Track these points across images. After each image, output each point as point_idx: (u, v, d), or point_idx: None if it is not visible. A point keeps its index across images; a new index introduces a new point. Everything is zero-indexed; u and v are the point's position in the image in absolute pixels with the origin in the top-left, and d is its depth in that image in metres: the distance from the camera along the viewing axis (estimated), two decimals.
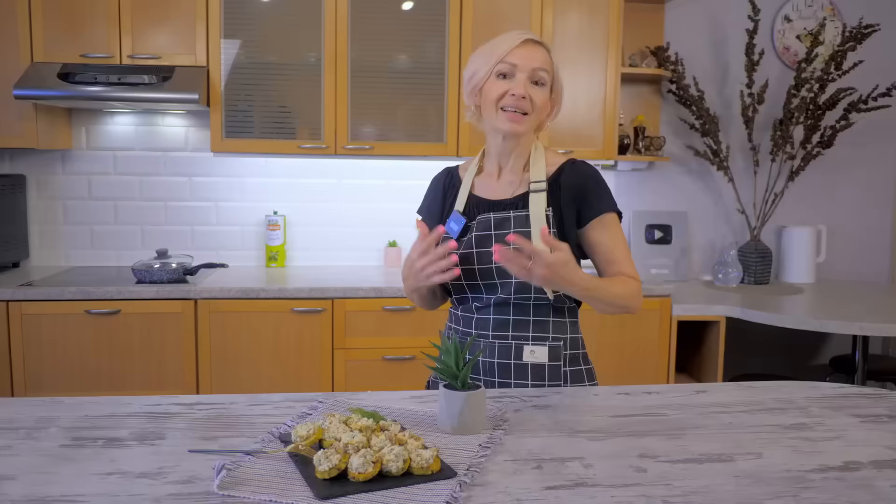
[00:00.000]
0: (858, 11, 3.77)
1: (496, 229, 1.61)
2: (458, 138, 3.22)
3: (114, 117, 3.39)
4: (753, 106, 3.56)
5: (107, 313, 2.84)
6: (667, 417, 1.40)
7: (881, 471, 1.15)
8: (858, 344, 3.25)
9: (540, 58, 1.59)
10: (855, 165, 3.89)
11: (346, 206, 3.57)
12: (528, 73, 1.57)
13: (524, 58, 1.57)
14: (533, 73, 1.58)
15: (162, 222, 3.46)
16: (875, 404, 1.50)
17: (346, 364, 2.98)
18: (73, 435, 1.27)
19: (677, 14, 3.71)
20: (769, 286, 3.62)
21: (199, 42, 3.06)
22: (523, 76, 1.57)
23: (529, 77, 1.58)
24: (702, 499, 1.04)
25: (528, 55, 1.58)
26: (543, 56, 1.60)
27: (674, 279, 3.68)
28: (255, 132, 3.14)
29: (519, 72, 1.57)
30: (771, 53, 3.76)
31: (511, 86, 1.57)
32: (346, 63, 3.14)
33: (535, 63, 1.58)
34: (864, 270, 3.96)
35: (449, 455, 1.18)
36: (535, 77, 1.58)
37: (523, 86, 1.57)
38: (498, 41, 1.61)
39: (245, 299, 2.91)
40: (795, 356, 3.94)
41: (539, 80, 1.59)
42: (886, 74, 3.80)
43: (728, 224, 3.85)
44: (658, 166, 3.76)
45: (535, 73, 1.58)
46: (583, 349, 1.67)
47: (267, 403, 1.46)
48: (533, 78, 1.58)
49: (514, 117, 1.58)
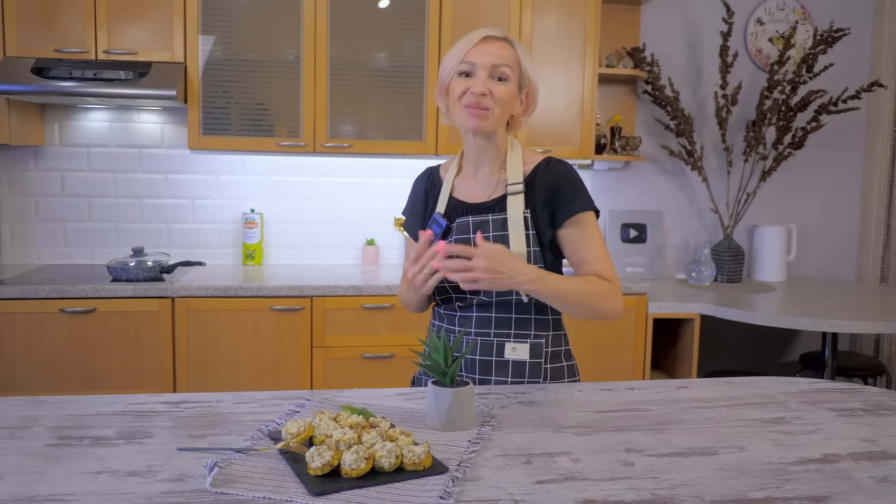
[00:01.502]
0: (829, 15, 3.85)
1: (475, 233, 1.61)
2: (437, 137, 3.23)
3: (88, 113, 3.34)
4: (727, 107, 3.62)
5: (82, 312, 2.80)
6: (650, 413, 1.43)
7: (859, 463, 1.19)
8: (828, 341, 3.33)
9: (500, 53, 1.60)
10: (824, 166, 3.97)
11: (324, 203, 3.56)
12: (488, 69, 1.58)
13: (483, 55, 1.59)
14: (493, 70, 1.59)
15: (137, 220, 3.42)
16: (850, 399, 1.54)
17: (325, 362, 2.98)
18: (58, 434, 1.26)
19: (653, 15, 3.75)
20: (741, 284, 3.69)
21: (176, 38, 3.03)
22: (483, 73, 1.58)
23: (490, 73, 1.59)
24: (689, 491, 1.07)
25: (487, 51, 1.59)
26: (504, 51, 1.60)
27: (649, 277, 3.72)
28: (233, 129, 3.12)
29: (479, 69, 1.58)
30: (744, 55, 3.82)
31: (471, 83, 1.59)
32: (326, 61, 3.13)
33: (495, 59, 1.59)
34: (832, 269, 4.05)
35: (439, 451, 1.19)
36: (495, 73, 1.59)
37: (482, 82, 1.57)
38: (461, 40, 1.62)
39: (223, 297, 2.89)
40: (765, 353, 4.02)
41: (501, 76, 1.59)
42: (855, 77, 3.89)
43: (701, 223, 3.91)
44: (634, 166, 3.80)
45: (495, 68, 1.59)
46: (566, 346, 1.69)
47: (253, 401, 1.46)
48: (493, 74, 1.59)
49: (476, 113, 1.58)
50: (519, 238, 1.58)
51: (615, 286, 1.59)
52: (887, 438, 1.30)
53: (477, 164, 1.69)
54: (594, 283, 1.57)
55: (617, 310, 1.59)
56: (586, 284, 1.57)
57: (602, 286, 1.57)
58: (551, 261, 1.64)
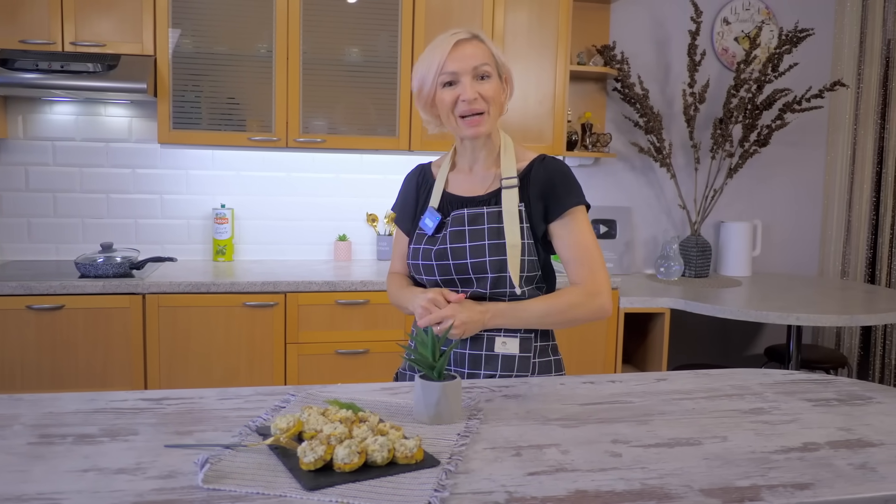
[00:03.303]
0: (792, 16, 3.93)
1: (470, 224, 1.64)
2: (411, 132, 3.23)
3: (52, 106, 3.27)
4: (695, 105, 3.68)
5: (50, 309, 2.75)
6: (633, 404, 1.45)
7: (837, 451, 1.22)
8: (793, 334, 3.41)
9: (476, 54, 1.61)
10: (788, 163, 4.06)
11: (295, 199, 3.53)
12: (471, 73, 1.60)
13: (462, 60, 1.59)
14: (475, 71, 1.60)
15: (104, 215, 3.36)
16: (823, 389, 1.58)
17: (299, 358, 2.96)
18: (39, 433, 1.23)
19: (622, 14, 3.80)
20: (708, 279, 3.75)
21: (145, 30, 2.98)
22: (467, 78, 1.59)
23: (473, 76, 1.60)
24: (678, 481, 1.09)
25: (464, 56, 1.60)
26: (479, 50, 1.62)
27: (618, 273, 3.77)
28: (204, 124, 3.08)
29: (462, 76, 1.60)
30: (711, 54, 3.89)
31: (459, 91, 1.60)
32: (298, 55, 3.11)
33: (473, 61, 1.60)
34: (795, 264, 4.14)
35: (429, 444, 1.20)
36: (478, 73, 1.60)
37: (469, 88, 1.59)
38: (432, 50, 1.63)
39: (195, 293, 2.85)
40: (731, 347, 4.10)
41: (484, 74, 1.61)
42: (818, 77, 3.98)
43: (670, 219, 3.97)
44: (603, 162, 3.85)
45: (476, 70, 1.60)
46: (553, 341, 1.71)
47: (237, 397, 1.45)
48: (477, 75, 1.60)
49: (473, 121, 1.61)
50: (513, 230, 1.61)
51: (591, 287, 1.61)
52: (862, 427, 1.34)
53: (472, 161, 1.71)
54: (562, 296, 1.61)
55: (600, 308, 1.62)
56: (554, 300, 1.62)
57: (571, 295, 1.61)
58: (543, 256, 1.66)
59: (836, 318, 2.95)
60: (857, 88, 4.06)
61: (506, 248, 1.59)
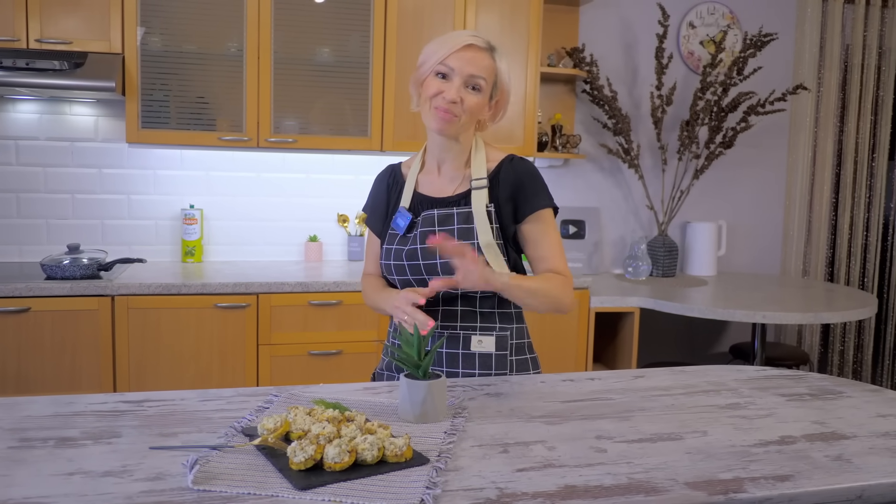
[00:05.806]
0: (755, 21, 4.02)
1: (440, 225, 1.65)
2: (382, 133, 3.23)
3: (15, 104, 3.20)
4: (662, 107, 3.74)
5: (15, 311, 2.69)
6: (613, 401, 1.47)
7: (813, 443, 1.26)
8: (758, 332, 3.48)
9: (478, 63, 1.62)
10: (752, 165, 4.15)
11: (265, 200, 3.51)
12: (464, 78, 1.61)
13: (462, 62, 1.61)
14: (469, 79, 1.61)
15: (69, 216, 3.29)
16: (796, 384, 1.62)
17: (272, 360, 2.94)
18: (18, 436, 1.21)
19: (591, 17, 3.84)
20: (675, 278, 3.82)
21: (113, 28, 2.93)
22: (458, 81, 1.61)
23: (465, 82, 1.61)
24: (663, 474, 1.11)
25: (467, 59, 1.61)
26: (483, 61, 1.63)
27: (588, 272, 3.81)
28: (172, 123, 3.04)
29: (455, 76, 1.61)
30: (677, 57, 3.95)
31: (446, 87, 1.61)
32: (270, 55, 3.08)
33: (472, 69, 1.61)
34: (758, 263, 4.23)
35: (416, 443, 1.21)
36: (470, 82, 1.62)
37: (455, 90, 1.60)
38: (445, 39, 1.64)
39: (166, 295, 2.81)
40: (696, 345, 4.17)
41: (475, 85, 1.63)
42: (780, 80, 4.08)
43: (637, 219, 4.03)
44: (573, 163, 3.89)
45: (470, 78, 1.62)
46: (528, 339, 1.73)
47: (218, 398, 1.44)
48: (468, 83, 1.62)
49: (445, 116, 1.61)
50: (485, 230, 1.62)
51: (569, 281, 1.66)
52: (835, 420, 1.38)
53: (440, 160, 1.71)
54: (551, 279, 1.64)
55: (571, 303, 1.66)
56: (544, 280, 1.63)
57: (558, 280, 1.64)
58: (514, 257, 1.68)
59: (801, 315, 3.03)
60: (818, 92, 4.16)
61: (478, 249, 1.61)
